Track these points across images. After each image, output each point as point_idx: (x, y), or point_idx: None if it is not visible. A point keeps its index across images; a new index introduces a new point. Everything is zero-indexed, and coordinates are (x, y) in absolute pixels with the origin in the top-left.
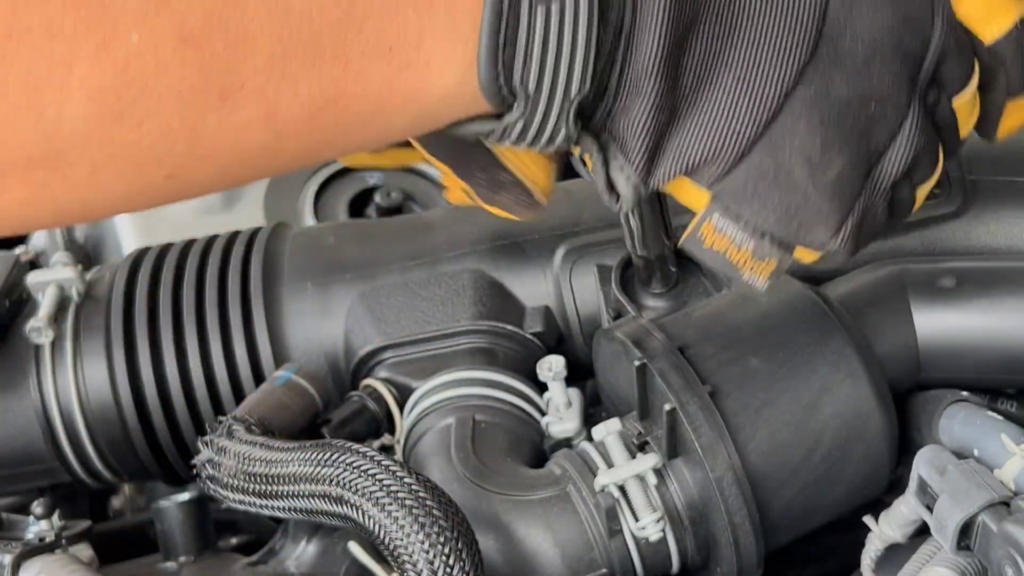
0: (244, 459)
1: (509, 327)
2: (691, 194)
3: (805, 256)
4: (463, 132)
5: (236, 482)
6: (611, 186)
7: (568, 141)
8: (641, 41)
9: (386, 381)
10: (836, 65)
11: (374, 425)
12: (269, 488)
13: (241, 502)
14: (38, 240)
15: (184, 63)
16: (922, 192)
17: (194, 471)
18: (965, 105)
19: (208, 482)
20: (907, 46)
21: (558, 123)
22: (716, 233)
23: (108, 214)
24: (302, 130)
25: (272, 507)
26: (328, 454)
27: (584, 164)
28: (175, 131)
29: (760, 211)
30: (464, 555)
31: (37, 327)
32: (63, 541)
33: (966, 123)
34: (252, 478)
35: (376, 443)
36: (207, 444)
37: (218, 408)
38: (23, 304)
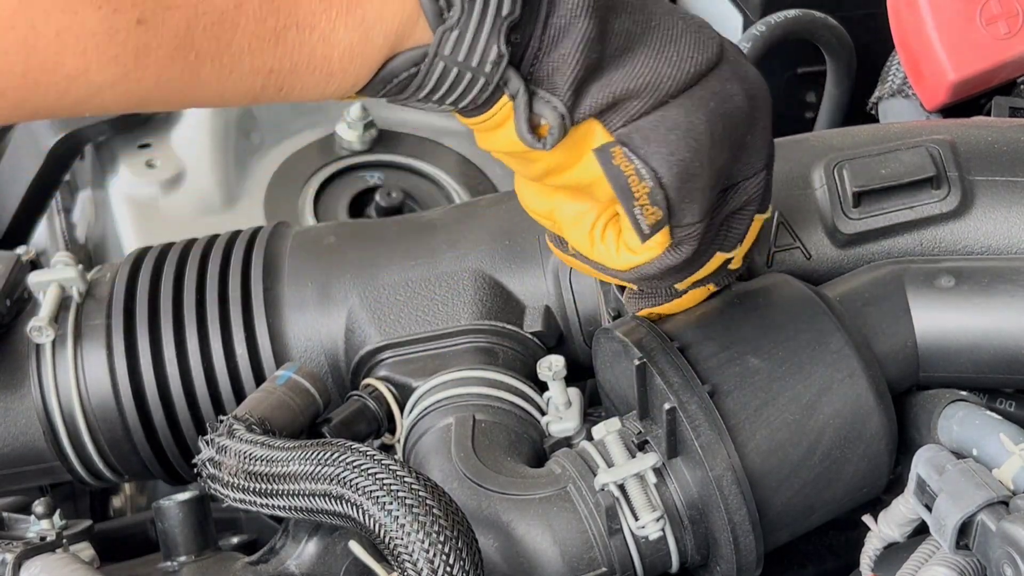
0: (245, 458)
1: (509, 326)
2: (598, 141)
3: (654, 246)
4: (397, 68)
5: (237, 481)
6: (533, 125)
7: (496, 68)
8: None
9: (386, 380)
10: (737, 77)
11: (374, 425)
12: (270, 487)
13: (242, 501)
14: (39, 240)
15: None
16: (735, 256)
17: (195, 470)
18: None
19: (209, 481)
20: (767, 128)
21: (489, 39)
22: (624, 158)
23: (78, 66)
24: (259, 8)
25: (273, 506)
26: (329, 453)
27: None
28: None
29: (665, 158)
30: (464, 554)
31: (38, 326)
32: (64, 540)
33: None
34: (253, 477)
35: (376, 442)
36: (208, 443)
37: (219, 407)
38: (24, 304)
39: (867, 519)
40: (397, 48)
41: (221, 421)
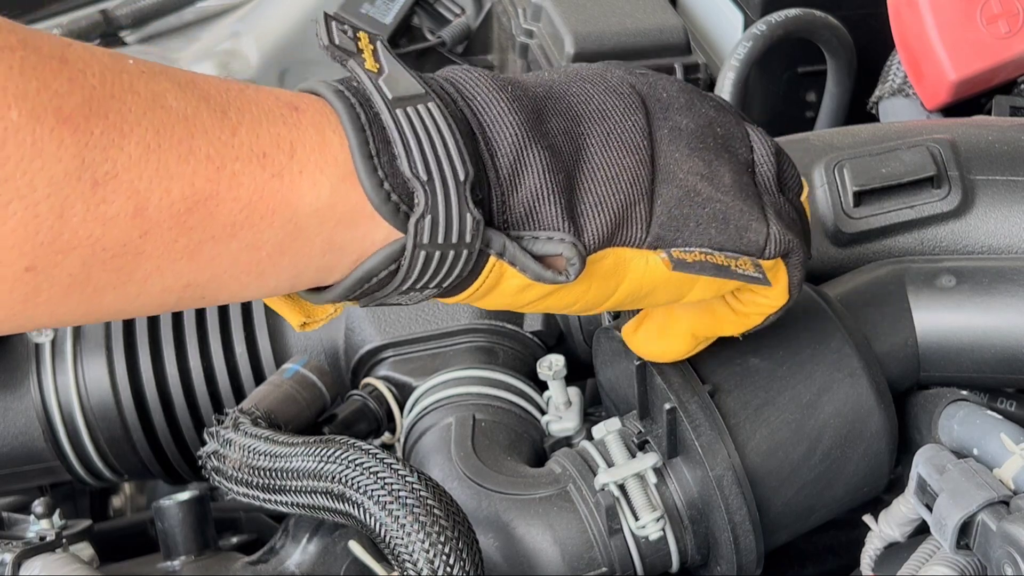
0: (249, 452)
1: (509, 326)
2: (638, 264)
3: (777, 271)
4: (375, 267)
5: (240, 475)
6: (545, 265)
7: (477, 236)
8: (498, 130)
9: (386, 380)
10: (670, 108)
11: (374, 424)
12: (272, 482)
13: (245, 495)
14: None
15: (61, 144)
16: (805, 201)
17: (199, 462)
18: None
19: (213, 473)
20: (707, 97)
21: (461, 211)
22: (687, 253)
23: None
24: (168, 232)
25: (275, 501)
26: (332, 450)
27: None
28: (41, 217)
29: (697, 229)
30: (464, 554)
31: None
32: (64, 540)
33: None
34: (256, 472)
35: (376, 441)
36: (213, 435)
37: (218, 407)
38: None
39: (867, 519)
40: (341, 235)
41: (227, 414)
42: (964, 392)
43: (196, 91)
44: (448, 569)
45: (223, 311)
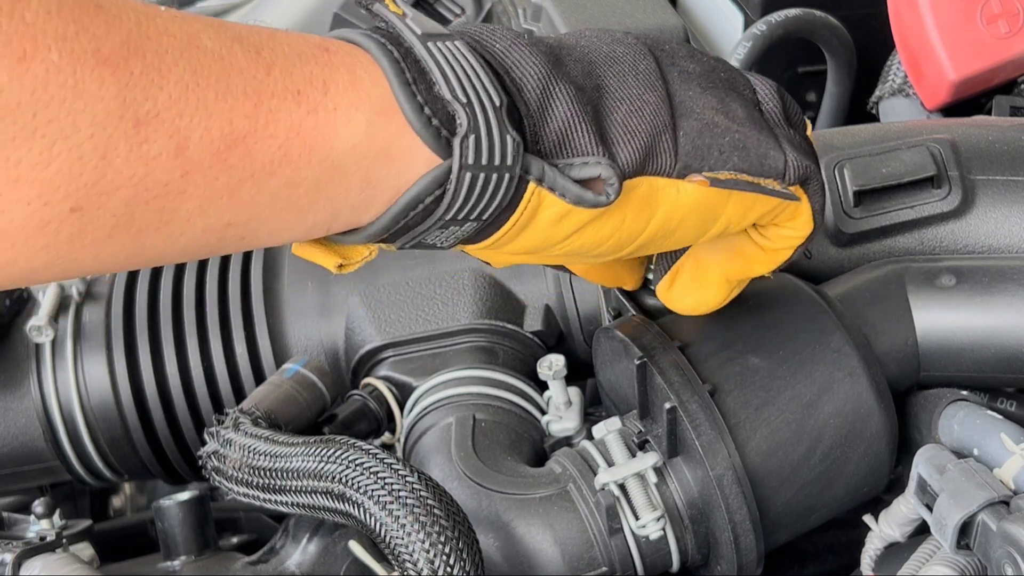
0: (249, 452)
1: (509, 326)
2: (670, 193)
3: (799, 193)
4: (421, 192)
5: (241, 475)
6: (584, 185)
7: (517, 159)
8: (522, 69)
9: (386, 380)
10: (675, 56)
11: (375, 424)
12: (273, 482)
13: (245, 495)
14: None
15: (102, 84)
16: (811, 137)
17: (200, 462)
18: None
19: (213, 473)
20: (705, 52)
21: (501, 132)
22: (718, 174)
23: (6, 259)
24: (208, 170)
25: (275, 501)
26: (332, 450)
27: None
28: (85, 158)
29: (720, 157)
30: (464, 554)
31: (38, 326)
32: (64, 540)
33: None
34: (256, 472)
35: (376, 441)
36: (213, 435)
37: (218, 407)
38: (24, 303)
39: (868, 519)
40: (378, 170)
41: (227, 414)
42: (964, 392)
43: (229, 32)
44: (448, 569)
45: (223, 311)
